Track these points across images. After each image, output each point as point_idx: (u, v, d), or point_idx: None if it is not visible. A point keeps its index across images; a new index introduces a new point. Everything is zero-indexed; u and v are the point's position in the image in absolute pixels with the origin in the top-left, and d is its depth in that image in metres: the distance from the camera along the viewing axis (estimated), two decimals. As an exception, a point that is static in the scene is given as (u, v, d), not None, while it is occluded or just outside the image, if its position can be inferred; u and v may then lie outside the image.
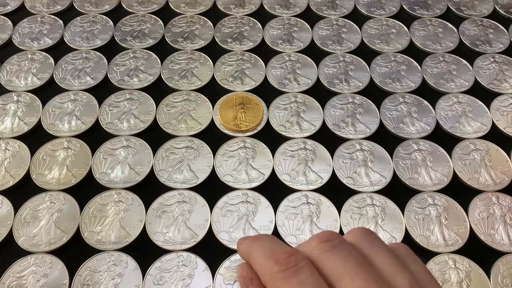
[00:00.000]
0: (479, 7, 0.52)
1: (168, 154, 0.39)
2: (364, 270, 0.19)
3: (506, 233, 0.35)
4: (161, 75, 0.44)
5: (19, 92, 0.43)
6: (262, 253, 0.21)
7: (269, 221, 0.35)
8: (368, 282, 0.18)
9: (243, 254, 0.23)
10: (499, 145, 0.40)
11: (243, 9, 0.51)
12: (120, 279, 0.32)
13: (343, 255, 0.19)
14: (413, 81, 0.44)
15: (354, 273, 0.19)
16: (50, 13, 0.50)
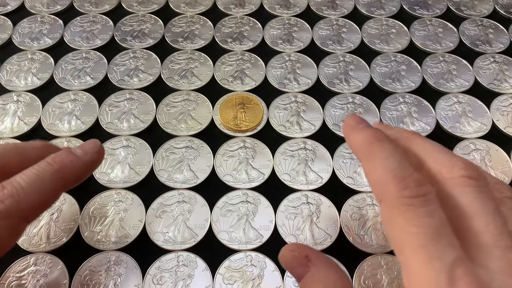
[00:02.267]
0: (479, 7, 0.52)
1: (168, 154, 0.39)
2: (501, 220, 0.18)
3: (506, 233, 0.35)
4: (161, 75, 0.44)
5: (19, 92, 0.43)
6: (388, 167, 0.19)
7: (269, 221, 0.35)
8: (502, 233, 0.17)
9: (356, 149, 0.21)
10: (499, 145, 0.40)
11: (243, 9, 0.51)
12: (120, 279, 0.32)
13: (484, 198, 0.18)
14: (413, 81, 0.44)
15: (492, 218, 0.18)
16: (50, 13, 0.50)
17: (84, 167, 0.26)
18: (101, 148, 0.27)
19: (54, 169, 0.24)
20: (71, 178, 0.25)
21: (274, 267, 0.33)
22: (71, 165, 0.25)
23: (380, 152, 0.20)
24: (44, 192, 0.23)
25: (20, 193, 0.22)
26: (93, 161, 0.26)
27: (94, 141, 0.27)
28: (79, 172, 0.26)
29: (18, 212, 0.22)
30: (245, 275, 0.32)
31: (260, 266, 0.33)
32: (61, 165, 0.24)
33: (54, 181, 0.24)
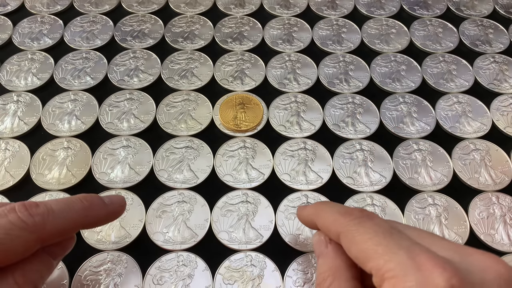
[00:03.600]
0: (479, 7, 0.52)
1: (168, 154, 0.39)
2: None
3: (506, 233, 0.35)
4: (161, 75, 0.44)
5: (19, 92, 0.43)
6: (335, 211, 0.24)
7: (269, 221, 0.35)
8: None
9: (307, 216, 0.27)
10: (499, 145, 0.40)
11: (243, 9, 0.51)
12: (120, 279, 0.32)
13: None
14: (413, 81, 0.44)
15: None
16: (50, 13, 0.50)
17: (106, 214, 0.28)
18: (125, 203, 0.30)
19: (83, 206, 0.26)
20: (92, 220, 0.27)
21: (274, 267, 0.33)
22: (97, 208, 0.27)
23: (325, 206, 0.25)
24: (68, 223, 0.25)
25: (50, 215, 0.24)
26: (115, 212, 0.29)
27: (121, 197, 0.30)
28: (101, 217, 0.28)
29: (41, 231, 0.24)
30: (245, 275, 0.32)
31: (260, 266, 0.33)
32: (90, 205, 0.27)
33: (79, 216, 0.26)
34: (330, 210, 0.24)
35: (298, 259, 0.33)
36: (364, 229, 0.21)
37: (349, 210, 0.23)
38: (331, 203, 0.26)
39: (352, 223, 0.22)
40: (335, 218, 0.23)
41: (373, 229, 0.21)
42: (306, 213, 0.27)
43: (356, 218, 0.22)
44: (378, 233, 0.21)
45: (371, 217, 0.22)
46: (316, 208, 0.26)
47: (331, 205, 0.25)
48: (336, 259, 0.24)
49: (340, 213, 0.23)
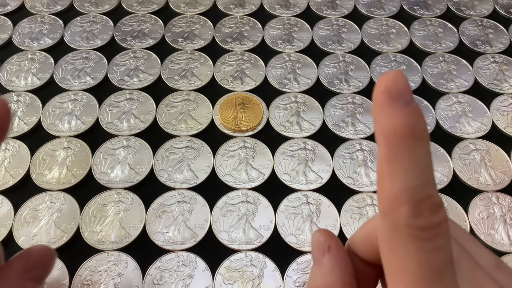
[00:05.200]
0: (479, 7, 0.52)
1: (168, 154, 0.39)
2: None
3: (506, 233, 0.35)
4: (161, 75, 0.44)
5: (19, 92, 0.43)
6: (409, 183, 0.15)
7: (269, 221, 0.35)
8: None
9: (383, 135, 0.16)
10: (499, 145, 0.40)
11: (243, 9, 0.51)
12: (120, 279, 0.32)
13: None
14: (413, 81, 0.44)
15: None
16: (50, 13, 0.50)
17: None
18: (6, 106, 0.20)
19: None
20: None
21: (274, 267, 0.33)
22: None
23: (408, 157, 0.15)
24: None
25: None
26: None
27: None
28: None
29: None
30: (245, 275, 0.32)
31: (260, 266, 0.33)
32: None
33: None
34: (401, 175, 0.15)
35: (298, 259, 0.33)
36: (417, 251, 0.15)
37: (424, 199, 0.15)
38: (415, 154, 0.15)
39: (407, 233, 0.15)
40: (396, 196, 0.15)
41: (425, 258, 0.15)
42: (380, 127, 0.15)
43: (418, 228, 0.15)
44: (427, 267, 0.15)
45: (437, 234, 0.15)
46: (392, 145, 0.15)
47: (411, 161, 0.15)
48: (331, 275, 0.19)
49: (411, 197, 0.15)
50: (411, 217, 0.14)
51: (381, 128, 0.15)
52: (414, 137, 0.15)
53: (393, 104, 0.15)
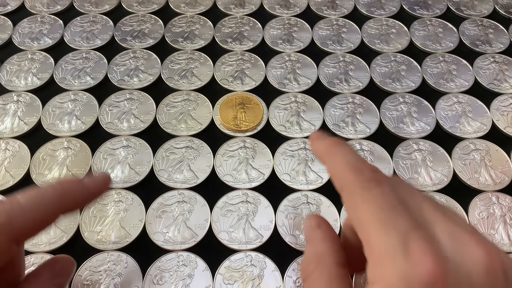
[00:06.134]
0: (479, 7, 0.52)
1: (168, 154, 0.39)
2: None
3: (506, 233, 0.35)
4: (161, 75, 0.44)
5: (19, 92, 0.43)
6: (346, 161, 0.22)
7: (269, 221, 0.35)
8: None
9: (320, 153, 0.25)
10: (499, 145, 0.40)
11: (243, 9, 0.51)
12: (120, 279, 0.32)
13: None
14: (413, 81, 0.44)
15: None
16: (50, 13, 0.50)
17: (86, 195, 0.25)
18: (109, 179, 0.26)
19: (57, 192, 0.24)
20: (71, 205, 0.25)
21: (274, 267, 0.33)
22: (74, 191, 0.25)
23: (340, 151, 0.23)
24: (40, 214, 0.23)
25: (16, 210, 0.22)
26: (96, 192, 0.26)
27: (105, 174, 0.27)
28: (79, 200, 0.25)
29: (9, 230, 0.22)
30: (245, 275, 0.32)
31: (260, 266, 0.33)
32: (64, 190, 0.24)
33: (53, 204, 0.23)
34: (341, 160, 0.22)
35: (298, 259, 0.33)
36: (369, 197, 0.20)
37: (361, 166, 0.21)
38: (345, 148, 0.23)
39: (358, 186, 0.21)
40: (343, 171, 0.22)
41: (377, 199, 0.20)
42: (317, 149, 0.25)
43: (364, 181, 0.21)
44: (380, 206, 0.20)
45: (380, 182, 0.21)
46: (328, 150, 0.24)
47: (344, 152, 0.23)
48: (323, 245, 0.24)
49: (350, 167, 0.22)
50: (357, 177, 0.21)
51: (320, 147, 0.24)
52: (339, 143, 0.24)
53: (321, 137, 0.25)
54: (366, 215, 0.20)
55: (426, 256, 0.18)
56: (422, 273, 0.18)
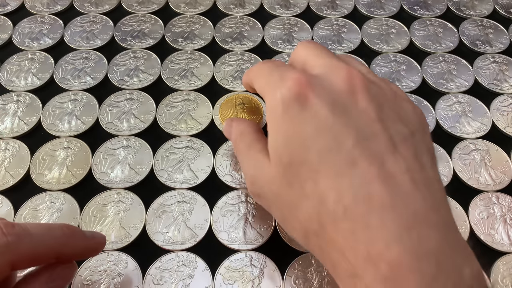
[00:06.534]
0: (479, 7, 0.52)
1: (168, 154, 0.39)
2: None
3: (506, 233, 0.35)
4: (161, 75, 0.44)
5: (19, 92, 0.43)
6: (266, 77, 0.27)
7: (269, 221, 0.35)
8: None
9: (247, 80, 0.31)
10: (499, 145, 0.40)
11: (243, 9, 0.51)
12: (120, 279, 0.32)
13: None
14: (413, 81, 0.44)
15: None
16: (50, 13, 0.50)
17: (85, 246, 0.27)
18: (105, 242, 0.29)
19: (64, 233, 0.25)
20: (70, 250, 0.26)
21: (274, 267, 0.33)
22: (78, 238, 0.26)
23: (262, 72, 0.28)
24: (44, 248, 0.24)
25: (26, 237, 0.23)
26: (94, 248, 0.28)
27: (103, 235, 0.29)
28: (79, 249, 0.27)
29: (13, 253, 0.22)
30: (245, 275, 0.32)
31: (260, 266, 0.33)
32: (71, 233, 0.26)
33: (57, 243, 0.25)
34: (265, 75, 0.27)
35: (298, 259, 0.33)
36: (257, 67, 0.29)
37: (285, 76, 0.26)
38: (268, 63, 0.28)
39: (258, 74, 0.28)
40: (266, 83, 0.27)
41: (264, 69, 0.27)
42: (245, 79, 0.31)
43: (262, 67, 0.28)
44: (271, 68, 0.27)
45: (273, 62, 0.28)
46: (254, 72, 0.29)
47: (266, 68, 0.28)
48: (239, 125, 0.31)
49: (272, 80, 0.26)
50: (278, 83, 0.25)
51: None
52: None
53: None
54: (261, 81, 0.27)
55: (294, 74, 0.24)
56: (290, 84, 0.24)
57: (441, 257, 0.20)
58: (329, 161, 0.22)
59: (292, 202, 0.24)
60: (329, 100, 0.23)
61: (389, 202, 0.21)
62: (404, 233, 0.20)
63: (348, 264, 0.21)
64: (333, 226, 0.22)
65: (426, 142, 0.24)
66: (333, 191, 0.21)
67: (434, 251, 0.20)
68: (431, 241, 0.20)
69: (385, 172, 0.21)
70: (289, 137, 0.23)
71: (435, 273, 0.19)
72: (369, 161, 0.21)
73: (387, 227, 0.20)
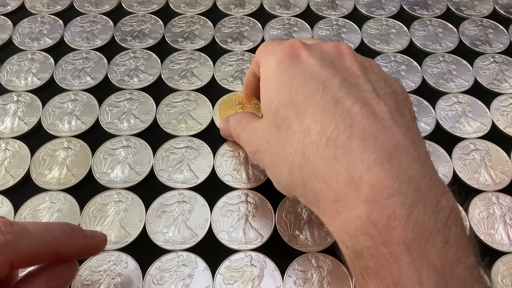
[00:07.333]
0: (479, 7, 0.52)
1: (168, 154, 0.39)
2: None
3: (506, 233, 0.35)
4: (161, 75, 0.44)
5: (19, 92, 0.43)
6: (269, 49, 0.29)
7: (269, 220, 0.35)
8: None
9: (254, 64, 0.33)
10: (499, 145, 0.40)
11: (243, 9, 0.51)
12: (120, 279, 0.32)
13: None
14: (413, 81, 0.44)
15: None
16: (50, 13, 0.50)
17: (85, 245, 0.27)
18: (106, 240, 0.29)
19: (63, 232, 0.25)
20: (70, 249, 0.26)
21: (274, 267, 0.33)
22: (78, 237, 0.26)
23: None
24: (43, 247, 0.24)
25: (25, 236, 0.23)
26: (95, 247, 0.28)
27: (103, 233, 0.29)
28: (79, 247, 0.27)
29: (12, 252, 0.22)
30: (245, 275, 0.32)
31: (260, 266, 0.33)
32: (71, 232, 0.26)
33: (57, 242, 0.25)
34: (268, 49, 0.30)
35: (298, 259, 0.33)
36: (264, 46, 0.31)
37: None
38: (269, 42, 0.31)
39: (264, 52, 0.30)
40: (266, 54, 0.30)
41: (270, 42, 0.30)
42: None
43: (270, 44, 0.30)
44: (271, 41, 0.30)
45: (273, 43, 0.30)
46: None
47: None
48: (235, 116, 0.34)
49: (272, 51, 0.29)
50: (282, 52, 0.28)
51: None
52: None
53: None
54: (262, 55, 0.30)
55: (290, 41, 0.27)
56: (285, 47, 0.27)
57: (421, 184, 0.21)
58: (315, 101, 0.24)
59: (280, 143, 0.25)
60: (318, 55, 0.26)
61: (370, 132, 0.22)
62: (385, 158, 0.21)
63: (330, 191, 0.22)
64: (316, 155, 0.23)
65: (407, 104, 0.26)
66: (317, 124, 0.23)
67: (414, 178, 0.21)
68: (411, 170, 0.21)
69: (368, 109, 0.23)
70: (278, 86, 0.26)
71: (414, 198, 0.20)
72: (353, 100, 0.23)
73: (368, 152, 0.21)
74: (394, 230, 0.19)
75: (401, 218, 0.19)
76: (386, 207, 0.20)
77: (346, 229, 0.21)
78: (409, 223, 0.19)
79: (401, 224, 0.19)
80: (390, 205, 0.20)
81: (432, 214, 0.20)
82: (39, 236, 0.24)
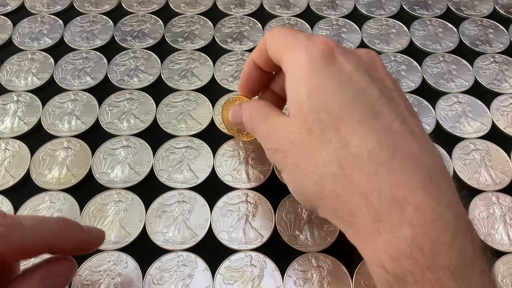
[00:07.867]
0: (479, 7, 0.52)
1: (168, 154, 0.39)
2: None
3: (506, 233, 0.35)
4: (161, 75, 0.44)
5: (19, 92, 0.43)
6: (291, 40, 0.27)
7: (269, 220, 0.35)
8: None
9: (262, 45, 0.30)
10: (499, 145, 0.40)
11: (243, 9, 0.51)
12: (120, 279, 0.32)
13: None
14: (413, 81, 0.44)
15: None
16: (50, 13, 0.50)
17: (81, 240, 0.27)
18: (103, 236, 0.28)
19: (59, 226, 0.25)
20: (65, 244, 0.26)
21: (274, 267, 0.33)
22: (73, 231, 0.26)
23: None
24: (37, 240, 0.24)
25: (17, 229, 0.23)
26: (91, 242, 0.27)
27: (100, 229, 0.28)
28: (75, 242, 0.26)
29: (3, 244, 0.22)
30: (245, 275, 0.32)
31: (260, 266, 0.33)
32: (66, 227, 0.25)
33: (52, 236, 0.24)
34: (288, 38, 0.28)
35: (298, 259, 0.33)
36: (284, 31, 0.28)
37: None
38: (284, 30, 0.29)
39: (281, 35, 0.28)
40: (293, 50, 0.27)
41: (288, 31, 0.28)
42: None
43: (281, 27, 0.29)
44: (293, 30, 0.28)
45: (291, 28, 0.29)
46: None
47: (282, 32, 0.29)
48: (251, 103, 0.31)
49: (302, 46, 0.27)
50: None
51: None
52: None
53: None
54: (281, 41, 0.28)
55: (322, 37, 0.26)
56: (318, 43, 0.25)
57: (458, 210, 0.21)
58: (352, 109, 0.23)
59: (310, 148, 0.24)
60: (354, 61, 0.25)
61: (412, 153, 0.22)
62: (426, 181, 0.21)
63: (370, 208, 0.21)
64: (356, 169, 0.22)
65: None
66: (356, 136, 0.22)
67: (452, 204, 0.21)
68: (447, 194, 0.21)
69: (406, 127, 0.23)
70: (312, 88, 0.24)
71: (457, 223, 0.20)
72: (393, 116, 0.23)
73: (411, 173, 0.21)
74: (439, 256, 0.19)
75: (445, 244, 0.19)
76: (431, 231, 0.20)
77: (388, 250, 0.20)
78: (452, 249, 0.19)
79: (445, 250, 0.19)
80: (435, 229, 0.20)
81: (470, 241, 0.20)
82: (32, 230, 0.23)
